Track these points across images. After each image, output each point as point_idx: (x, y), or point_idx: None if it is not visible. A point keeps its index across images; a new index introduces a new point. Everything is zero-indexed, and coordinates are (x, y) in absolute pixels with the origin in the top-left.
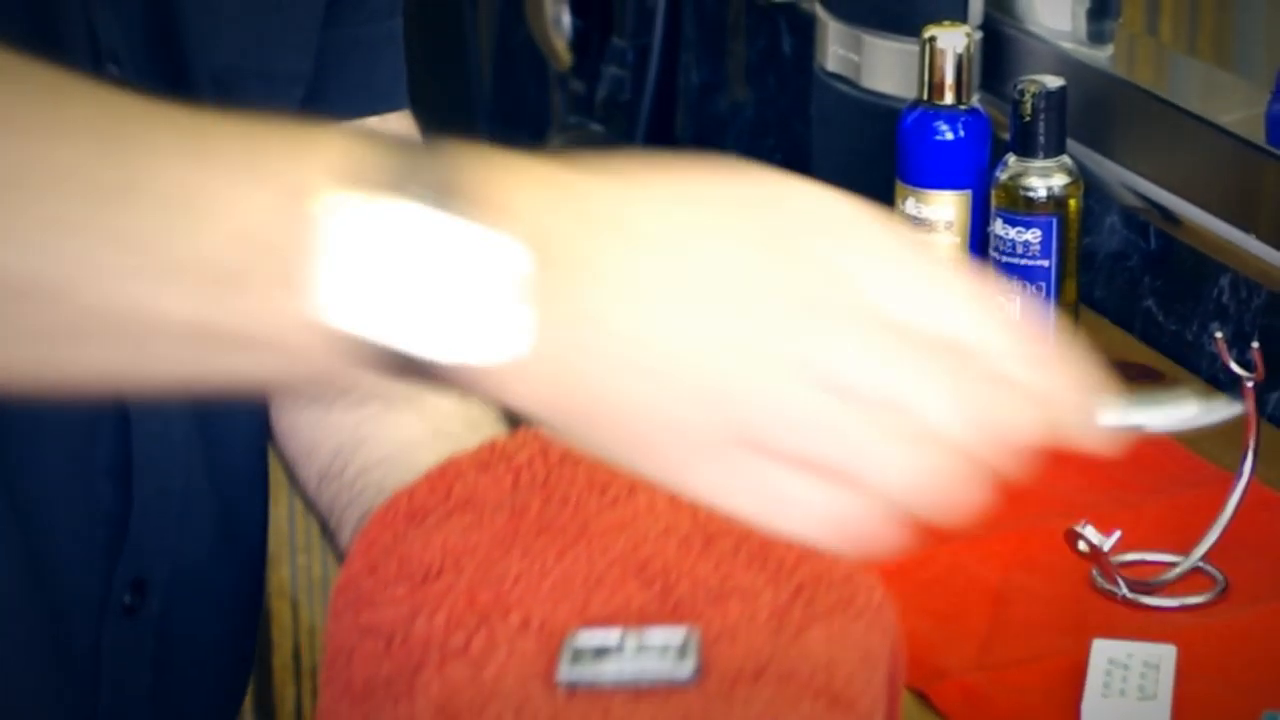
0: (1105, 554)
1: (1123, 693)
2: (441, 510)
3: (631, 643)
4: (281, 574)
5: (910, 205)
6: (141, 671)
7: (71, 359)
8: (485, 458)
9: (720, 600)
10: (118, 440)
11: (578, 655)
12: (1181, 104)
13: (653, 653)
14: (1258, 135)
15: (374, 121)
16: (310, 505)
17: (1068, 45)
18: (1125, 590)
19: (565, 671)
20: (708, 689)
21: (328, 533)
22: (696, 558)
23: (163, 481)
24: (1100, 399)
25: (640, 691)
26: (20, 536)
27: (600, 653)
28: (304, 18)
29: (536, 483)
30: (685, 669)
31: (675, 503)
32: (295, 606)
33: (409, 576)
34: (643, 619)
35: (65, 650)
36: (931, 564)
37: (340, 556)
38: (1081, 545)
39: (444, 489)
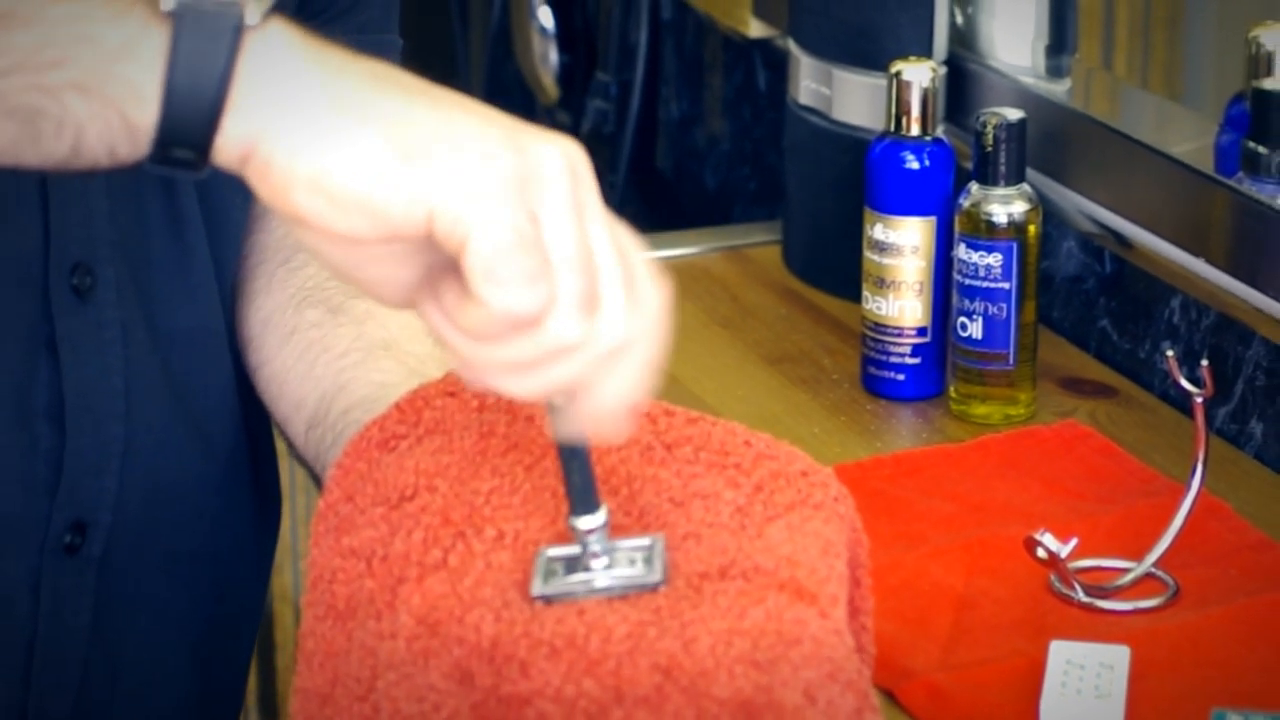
0: (1063, 560)
1: (1079, 691)
2: (412, 436)
3: (600, 554)
4: (283, 580)
5: (878, 230)
6: (81, 610)
7: None
8: (452, 385)
9: (683, 504)
10: (52, 384)
11: (550, 570)
12: (1135, 135)
13: (621, 562)
14: (1206, 165)
15: None
16: (301, 460)
17: (1027, 79)
18: (1081, 594)
19: (539, 587)
20: (676, 588)
21: (317, 480)
22: (658, 465)
23: (99, 428)
24: None
25: (612, 597)
26: None
27: (571, 566)
28: None
29: (501, 405)
30: (653, 575)
31: (635, 415)
32: (297, 611)
33: (385, 500)
34: (611, 527)
35: (4, 583)
36: (898, 570)
37: None
38: (1040, 552)
39: (414, 416)
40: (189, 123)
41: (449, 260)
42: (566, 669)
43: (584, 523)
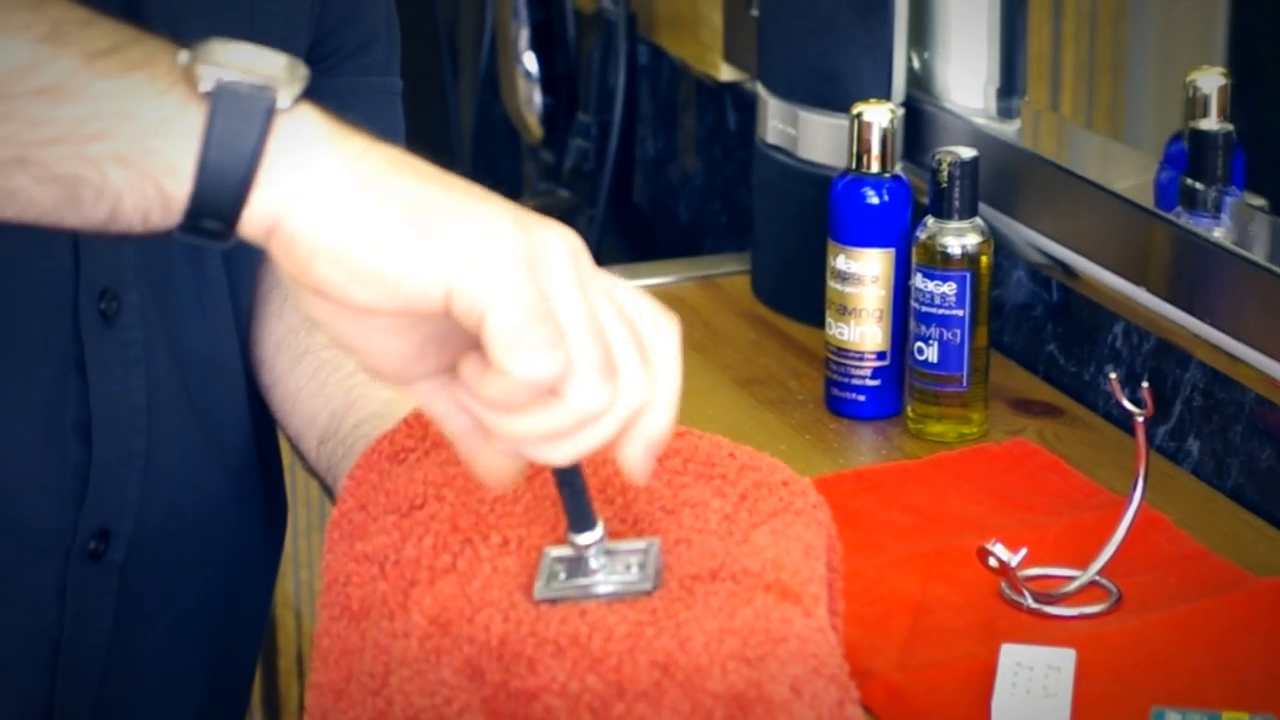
0: (1013, 569)
1: (1028, 691)
2: (420, 449)
3: (599, 558)
4: (285, 588)
5: (841, 261)
6: (104, 613)
7: None
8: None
9: (674, 512)
10: (80, 401)
11: (553, 573)
12: (1080, 172)
13: (619, 567)
14: (1147, 200)
15: None
16: (314, 473)
17: (980, 120)
18: (1030, 601)
19: (541, 589)
20: (671, 590)
21: (329, 491)
22: (650, 476)
23: (124, 443)
24: None
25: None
26: None
27: (573, 569)
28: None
29: None
30: (646, 583)
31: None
32: (299, 617)
33: (396, 508)
34: (608, 534)
35: (32, 587)
36: (859, 577)
37: None
38: (992, 561)
39: (421, 430)
40: (219, 197)
41: (459, 340)
42: (571, 666)
43: (582, 539)
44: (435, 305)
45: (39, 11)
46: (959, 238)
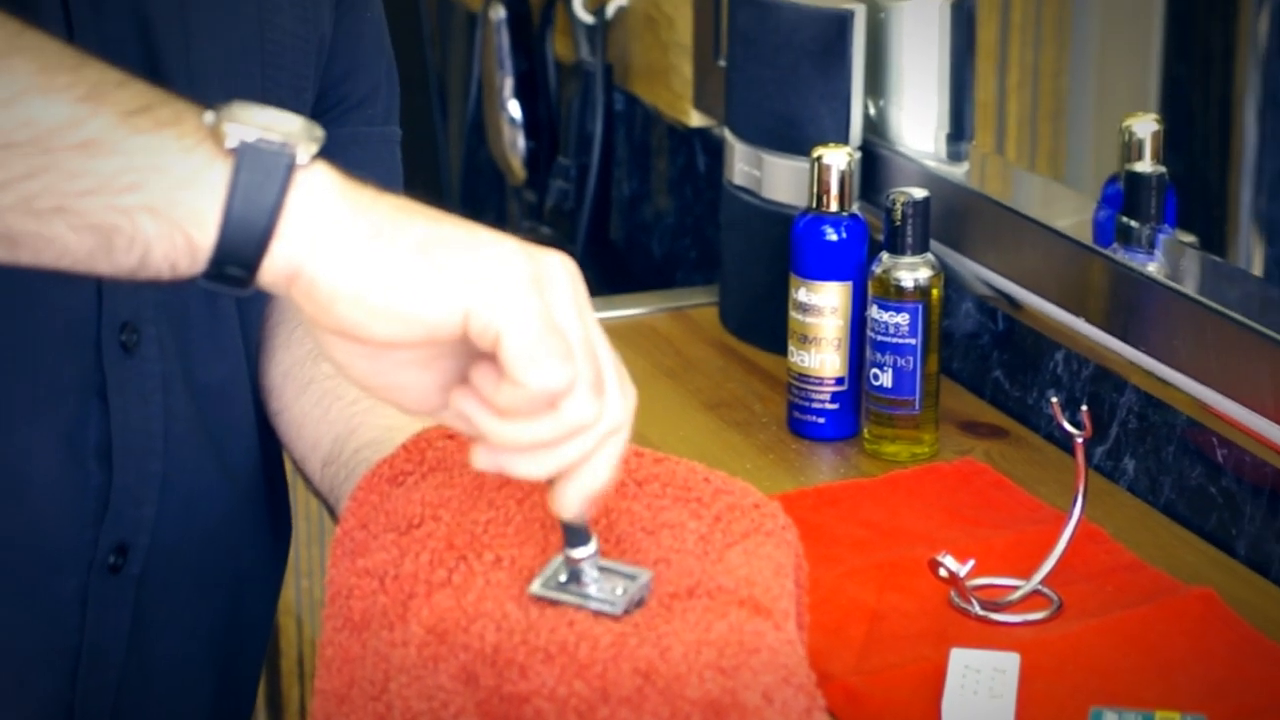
0: (961, 579)
1: (976, 693)
2: (418, 473)
3: (594, 571)
4: (287, 596)
5: (802, 294)
6: (121, 622)
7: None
8: (450, 429)
9: (654, 533)
10: (102, 427)
11: (552, 575)
12: (1024, 211)
13: (605, 587)
14: (1086, 237)
15: None
16: (317, 493)
17: (931, 163)
18: (978, 608)
19: (537, 587)
20: (651, 607)
21: (331, 511)
22: (631, 499)
23: (141, 465)
24: None
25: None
26: (22, 505)
27: (570, 577)
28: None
29: None
30: (618, 607)
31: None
32: (300, 623)
33: (395, 527)
34: (603, 553)
35: (56, 597)
36: (818, 587)
37: None
38: (942, 571)
39: (418, 455)
40: (242, 245)
41: (469, 357)
42: (560, 672)
43: (576, 553)
44: (454, 331)
45: (78, 73)
46: (911, 272)
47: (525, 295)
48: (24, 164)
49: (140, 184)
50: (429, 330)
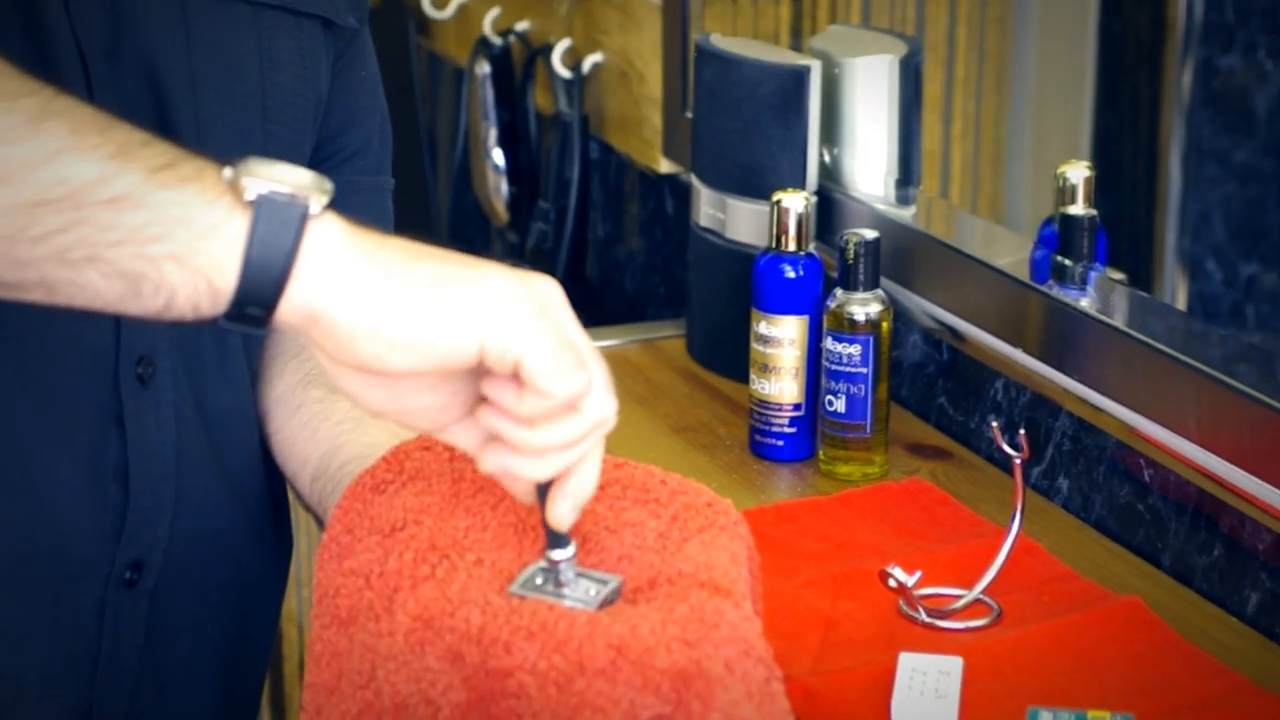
0: (909, 588)
1: (922, 693)
2: (398, 481)
3: (569, 574)
4: (289, 604)
5: (762, 326)
6: (136, 632)
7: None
8: (426, 442)
9: (616, 532)
10: (120, 452)
11: (530, 577)
12: (967, 251)
13: (580, 589)
14: (1023, 274)
15: None
16: (307, 507)
17: (881, 206)
18: (924, 616)
19: (516, 588)
20: (619, 597)
21: (320, 522)
22: (595, 501)
23: (156, 488)
24: None
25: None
26: (46, 524)
27: (546, 580)
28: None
29: (466, 455)
30: (593, 605)
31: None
32: (300, 629)
33: (379, 530)
34: (579, 560)
35: (77, 609)
36: (777, 595)
37: None
38: (891, 582)
39: (398, 466)
40: (260, 289)
41: (473, 377)
42: (540, 647)
43: (556, 555)
44: (469, 359)
45: (106, 134)
46: (863, 306)
47: (533, 320)
48: (58, 219)
49: (166, 235)
50: (443, 359)
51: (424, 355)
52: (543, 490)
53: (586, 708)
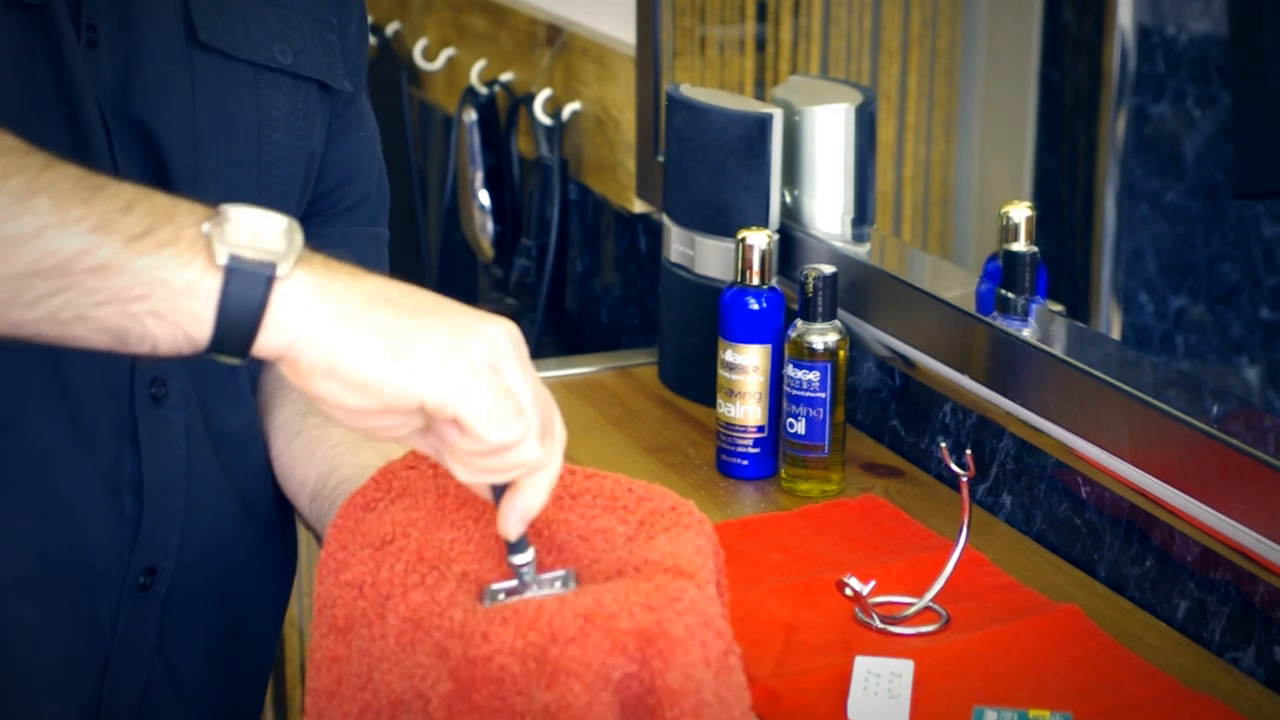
0: (864, 597)
1: (876, 693)
2: (386, 499)
3: (529, 582)
4: (291, 611)
5: (729, 354)
6: (148, 634)
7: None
8: (411, 461)
9: (588, 538)
10: (135, 466)
11: (493, 595)
12: (917, 284)
13: (544, 586)
14: (969, 306)
15: None
16: (307, 524)
17: (838, 243)
18: (878, 622)
19: (486, 604)
20: (588, 585)
21: (319, 539)
22: (567, 511)
23: (168, 500)
24: None
25: None
26: (69, 532)
27: (510, 593)
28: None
29: (449, 472)
30: (569, 589)
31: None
32: (301, 634)
33: (370, 544)
34: (536, 561)
35: (93, 610)
36: (742, 603)
37: None
38: (848, 590)
39: (386, 485)
40: (233, 339)
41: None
42: (515, 629)
43: (517, 559)
44: (410, 407)
45: (89, 206)
46: (822, 336)
47: (472, 375)
48: (48, 286)
49: (147, 295)
50: (387, 404)
51: (372, 398)
52: (497, 493)
53: (561, 673)
